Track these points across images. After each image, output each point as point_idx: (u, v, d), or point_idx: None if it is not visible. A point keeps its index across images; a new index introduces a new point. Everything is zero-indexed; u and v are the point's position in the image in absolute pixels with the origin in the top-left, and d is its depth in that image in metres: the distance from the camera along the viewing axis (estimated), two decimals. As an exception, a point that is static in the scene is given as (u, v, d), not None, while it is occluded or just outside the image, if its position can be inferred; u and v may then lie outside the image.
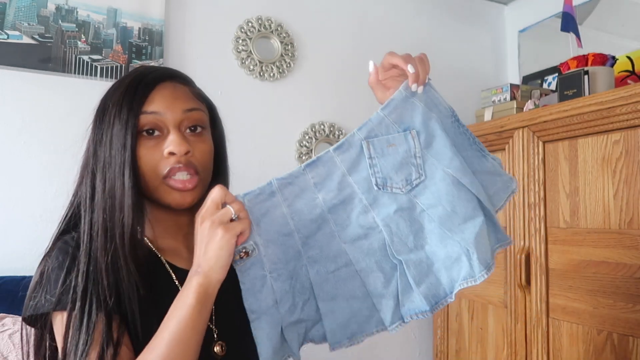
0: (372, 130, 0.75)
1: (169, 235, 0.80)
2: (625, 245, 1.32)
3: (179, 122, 0.74)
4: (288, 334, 0.73)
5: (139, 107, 0.72)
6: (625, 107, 1.30)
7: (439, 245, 0.74)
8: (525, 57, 2.36)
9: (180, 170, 0.73)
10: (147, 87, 0.74)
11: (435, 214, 0.74)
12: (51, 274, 0.68)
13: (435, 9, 2.34)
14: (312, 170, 0.74)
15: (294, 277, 0.74)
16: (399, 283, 0.74)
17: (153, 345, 0.62)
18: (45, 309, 0.67)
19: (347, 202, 0.75)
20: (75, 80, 1.60)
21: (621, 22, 1.94)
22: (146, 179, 0.73)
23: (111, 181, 0.71)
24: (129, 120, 0.71)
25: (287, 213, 0.73)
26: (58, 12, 1.60)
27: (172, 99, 0.74)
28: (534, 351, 1.57)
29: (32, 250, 1.45)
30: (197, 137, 0.76)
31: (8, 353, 1.20)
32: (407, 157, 0.75)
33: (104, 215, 0.70)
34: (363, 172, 0.74)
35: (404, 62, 0.73)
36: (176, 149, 0.72)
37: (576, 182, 1.47)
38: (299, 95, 2.01)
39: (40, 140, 1.56)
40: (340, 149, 0.74)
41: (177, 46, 1.80)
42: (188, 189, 0.73)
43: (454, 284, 0.74)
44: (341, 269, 0.75)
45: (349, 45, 2.12)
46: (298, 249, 0.74)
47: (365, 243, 0.75)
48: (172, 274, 0.76)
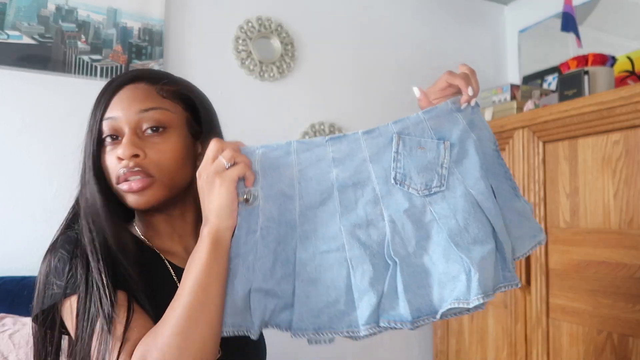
0: (407, 128, 0.75)
1: (164, 236, 0.81)
2: (625, 245, 1.32)
3: (134, 123, 0.73)
4: (254, 302, 0.68)
5: (100, 114, 0.74)
6: (625, 107, 1.30)
7: (440, 259, 0.70)
8: (525, 57, 2.36)
9: (126, 176, 0.72)
10: (109, 93, 0.75)
11: (445, 225, 0.71)
12: (53, 270, 0.69)
13: (435, 8, 2.34)
14: (334, 144, 0.72)
15: (282, 244, 0.70)
16: (387, 284, 0.70)
17: (177, 296, 0.63)
18: (54, 299, 0.68)
19: (360, 187, 0.72)
20: (75, 80, 1.60)
21: (621, 22, 1.94)
22: (111, 184, 0.75)
23: (86, 188, 0.74)
24: (92, 128, 0.74)
25: (296, 176, 0.71)
26: (58, 12, 1.60)
27: (129, 101, 0.74)
28: (534, 351, 1.57)
29: (32, 250, 1.45)
30: (158, 137, 0.74)
31: (8, 353, 1.20)
32: (433, 164, 0.73)
33: (86, 220, 0.72)
34: (385, 163, 0.73)
35: (465, 84, 0.74)
36: (121, 153, 0.71)
37: (576, 182, 1.47)
38: (299, 95, 2.01)
39: (40, 140, 1.56)
40: (370, 134, 0.74)
41: (177, 46, 1.80)
42: (134, 191, 0.72)
43: (443, 303, 0.69)
44: (331, 252, 0.70)
45: (349, 45, 2.12)
46: (294, 218, 0.71)
47: (365, 232, 0.71)
48: (171, 270, 0.77)
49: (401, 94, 2.21)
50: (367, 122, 2.12)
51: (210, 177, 0.65)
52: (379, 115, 2.16)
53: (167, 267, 0.77)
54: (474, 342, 1.85)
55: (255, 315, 0.68)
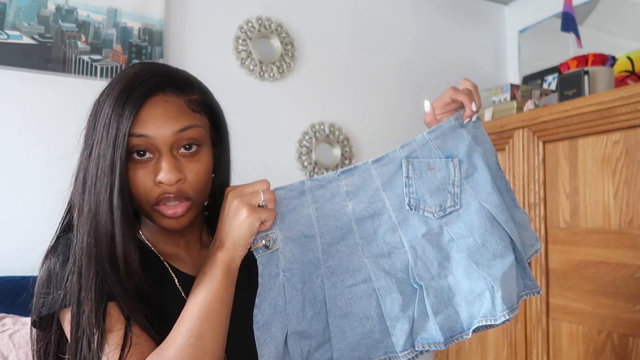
0: (414, 151, 0.75)
1: (170, 241, 0.79)
2: (625, 245, 1.32)
3: (171, 144, 0.69)
4: (292, 345, 0.69)
5: (127, 127, 0.66)
6: (625, 107, 1.30)
7: (463, 278, 0.72)
8: (525, 57, 2.36)
9: (169, 201, 0.70)
10: (136, 103, 0.67)
11: (464, 245, 0.72)
12: (53, 275, 0.68)
13: (435, 9, 2.34)
14: (346, 178, 0.73)
15: (307, 283, 0.71)
16: (416, 308, 0.71)
17: (183, 320, 0.63)
18: (52, 308, 0.67)
19: (376, 217, 0.73)
20: (75, 80, 1.60)
21: (621, 22, 1.94)
22: (137, 202, 0.70)
23: (97, 203, 0.67)
24: (117, 141, 0.66)
25: (313, 215, 0.72)
26: (58, 12, 1.60)
27: (163, 118, 0.68)
28: (534, 351, 1.57)
29: (32, 250, 1.44)
30: (191, 157, 0.71)
31: (8, 353, 1.20)
32: (445, 183, 0.74)
33: (88, 238, 0.66)
34: (397, 189, 0.74)
35: (469, 100, 0.73)
36: (166, 179, 0.68)
37: (576, 182, 1.47)
38: (299, 95, 2.01)
39: (40, 140, 1.56)
40: (379, 162, 0.74)
41: (177, 46, 1.80)
42: (178, 216, 0.70)
43: (473, 320, 0.71)
44: (359, 284, 0.72)
45: (349, 45, 2.12)
46: (317, 256, 0.72)
47: (388, 261, 0.73)
48: (174, 277, 0.76)
49: (401, 94, 2.22)
50: (367, 122, 2.13)
51: (242, 203, 0.65)
52: (379, 115, 2.16)
53: (170, 273, 0.76)
54: (474, 342, 1.85)
55: (295, 358, 0.69)
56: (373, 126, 2.14)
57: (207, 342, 0.61)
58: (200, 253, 0.83)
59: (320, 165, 2.02)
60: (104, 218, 0.66)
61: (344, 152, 2.07)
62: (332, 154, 2.06)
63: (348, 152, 2.08)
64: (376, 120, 2.15)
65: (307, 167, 1.99)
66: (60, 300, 0.66)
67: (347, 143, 2.08)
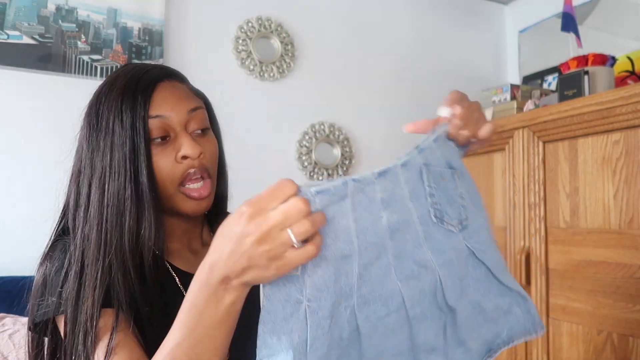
0: (428, 158, 0.65)
1: (173, 238, 0.79)
2: (625, 245, 1.32)
3: (184, 123, 0.71)
4: None
5: (143, 111, 0.68)
6: (625, 107, 1.30)
7: (488, 295, 0.66)
8: (525, 57, 2.36)
9: (195, 175, 0.71)
10: (147, 88, 0.69)
11: (486, 259, 0.66)
12: (49, 280, 0.68)
13: (435, 9, 2.34)
14: (381, 182, 0.59)
15: (334, 318, 0.55)
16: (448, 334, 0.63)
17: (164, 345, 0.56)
18: (46, 315, 0.67)
19: (405, 231, 0.61)
20: (75, 80, 1.60)
21: (621, 22, 1.94)
22: (160, 186, 0.70)
23: (114, 192, 0.66)
24: (135, 126, 0.67)
25: (352, 228, 0.55)
26: (58, 12, 1.60)
27: (175, 99, 0.71)
28: (534, 351, 1.57)
29: (32, 250, 1.44)
30: (204, 137, 0.74)
31: (8, 353, 1.20)
32: (455, 195, 0.67)
33: (98, 227, 0.66)
34: (421, 199, 0.63)
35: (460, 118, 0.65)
36: (190, 152, 0.69)
37: (576, 182, 1.47)
38: (299, 95, 2.01)
39: (40, 140, 1.56)
40: (406, 167, 0.62)
41: (177, 46, 1.80)
42: (204, 197, 0.72)
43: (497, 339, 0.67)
44: (391, 314, 0.59)
45: (349, 45, 2.12)
46: (352, 282, 0.55)
47: (418, 284, 0.61)
48: (175, 278, 0.75)
49: (401, 94, 2.22)
50: (367, 122, 2.13)
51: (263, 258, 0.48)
52: (379, 115, 2.16)
53: (171, 271, 0.76)
54: (474, 342, 1.84)
55: None
56: (373, 126, 2.14)
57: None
58: (203, 250, 0.83)
59: (320, 165, 2.02)
60: (129, 206, 0.66)
61: (344, 152, 2.07)
62: (332, 154, 2.06)
63: (348, 152, 2.08)
64: (376, 121, 2.15)
65: (307, 167, 1.99)
66: (55, 307, 0.66)
67: (347, 143, 2.08)
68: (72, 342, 0.63)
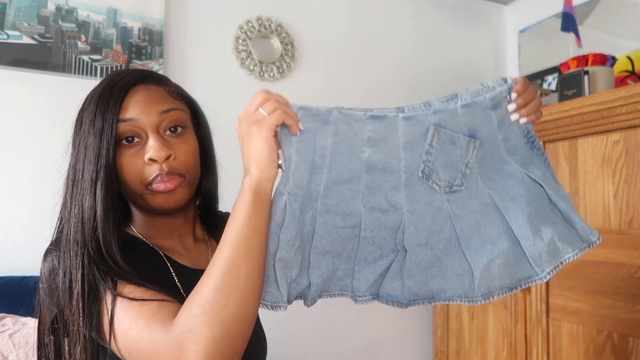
0: (444, 120, 0.71)
1: (164, 236, 0.81)
2: (625, 245, 1.32)
3: (156, 125, 0.73)
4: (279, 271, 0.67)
5: (114, 115, 0.70)
6: (625, 107, 1.30)
7: (449, 255, 0.74)
8: (525, 57, 2.36)
9: (163, 179, 0.72)
10: (119, 93, 0.72)
11: (458, 225, 0.74)
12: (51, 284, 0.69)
13: (435, 9, 2.34)
14: (373, 123, 0.70)
15: (302, 213, 0.69)
16: (391, 266, 0.74)
17: (217, 251, 0.62)
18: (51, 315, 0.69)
19: (387, 172, 0.71)
20: (75, 80, 1.60)
21: (621, 22, 1.94)
22: (130, 187, 0.73)
23: (79, 194, 0.70)
24: (104, 130, 0.70)
25: (329, 147, 0.68)
26: (58, 12, 1.60)
27: (146, 102, 0.73)
28: (534, 351, 1.57)
29: (31, 250, 1.45)
30: (177, 137, 0.75)
31: (8, 353, 1.20)
32: (459, 162, 0.73)
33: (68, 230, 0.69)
34: (416, 153, 0.71)
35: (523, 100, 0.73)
36: (156, 155, 0.71)
37: (576, 182, 1.47)
38: (299, 95, 2.01)
39: (40, 140, 1.56)
40: (409, 121, 0.70)
41: (177, 46, 1.80)
42: (170, 190, 0.73)
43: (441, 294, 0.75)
44: (346, 228, 0.72)
45: (349, 45, 2.12)
46: (318, 190, 0.70)
47: (382, 217, 0.73)
48: (170, 269, 0.77)
49: (401, 94, 2.21)
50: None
51: (248, 125, 0.63)
52: (379, 115, 2.16)
53: (167, 264, 0.77)
54: (474, 342, 1.85)
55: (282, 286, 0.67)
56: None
57: (241, 268, 0.60)
58: (196, 246, 0.84)
59: (320, 165, 2.02)
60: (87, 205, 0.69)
61: (344, 152, 2.07)
62: (332, 154, 2.06)
63: (348, 152, 2.08)
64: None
65: (307, 167, 1.99)
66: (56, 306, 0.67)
67: (347, 143, 2.08)
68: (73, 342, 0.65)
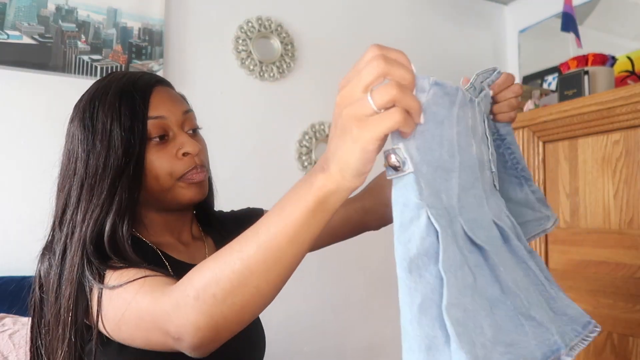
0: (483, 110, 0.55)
1: (162, 233, 0.82)
2: (625, 245, 1.32)
3: (181, 123, 0.78)
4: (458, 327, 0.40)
5: (143, 112, 0.73)
6: (625, 107, 1.30)
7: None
8: (525, 57, 2.36)
9: (197, 170, 0.77)
10: (145, 92, 0.75)
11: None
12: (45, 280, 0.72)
13: (435, 9, 2.34)
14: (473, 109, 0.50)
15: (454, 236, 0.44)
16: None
17: (242, 238, 0.51)
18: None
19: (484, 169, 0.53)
20: (75, 80, 1.60)
21: (621, 22, 1.94)
22: (159, 182, 0.75)
23: (101, 189, 0.71)
24: (134, 127, 0.72)
25: (455, 142, 0.46)
26: (58, 12, 1.60)
27: (171, 102, 0.78)
28: (534, 351, 1.57)
29: (31, 250, 1.45)
30: (196, 137, 0.81)
31: (8, 353, 1.20)
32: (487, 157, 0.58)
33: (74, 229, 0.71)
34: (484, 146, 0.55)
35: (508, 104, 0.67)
36: (191, 149, 0.76)
37: (576, 182, 1.47)
38: (299, 95, 2.01)
39: (40, 140, 1.56)
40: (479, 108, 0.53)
41: (177, 46, 1.80)
42: (202, 180, 0.78)
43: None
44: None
45: (349, 45, 2.12)
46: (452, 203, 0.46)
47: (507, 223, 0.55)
48: (166, 264, 0.77)
49: (401, 94, 2.21)
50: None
51: (346, 119, 0.43)
52: (379, 115, 2.16)
53: (163, 259, 0.78)
54: (474, 342, 1.84)
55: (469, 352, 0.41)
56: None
57: (255, 277, 0.49)
58: (193, 243, 0.86)
59: (320, 165, 2.02)
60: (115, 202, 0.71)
61: (344, 152, 2.07)
62: (332, 154, 2.06)
63: (348, 152, 2.08)
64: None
65: (307, 167, 1.99)
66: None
67: (347, 143, 2.08)
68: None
